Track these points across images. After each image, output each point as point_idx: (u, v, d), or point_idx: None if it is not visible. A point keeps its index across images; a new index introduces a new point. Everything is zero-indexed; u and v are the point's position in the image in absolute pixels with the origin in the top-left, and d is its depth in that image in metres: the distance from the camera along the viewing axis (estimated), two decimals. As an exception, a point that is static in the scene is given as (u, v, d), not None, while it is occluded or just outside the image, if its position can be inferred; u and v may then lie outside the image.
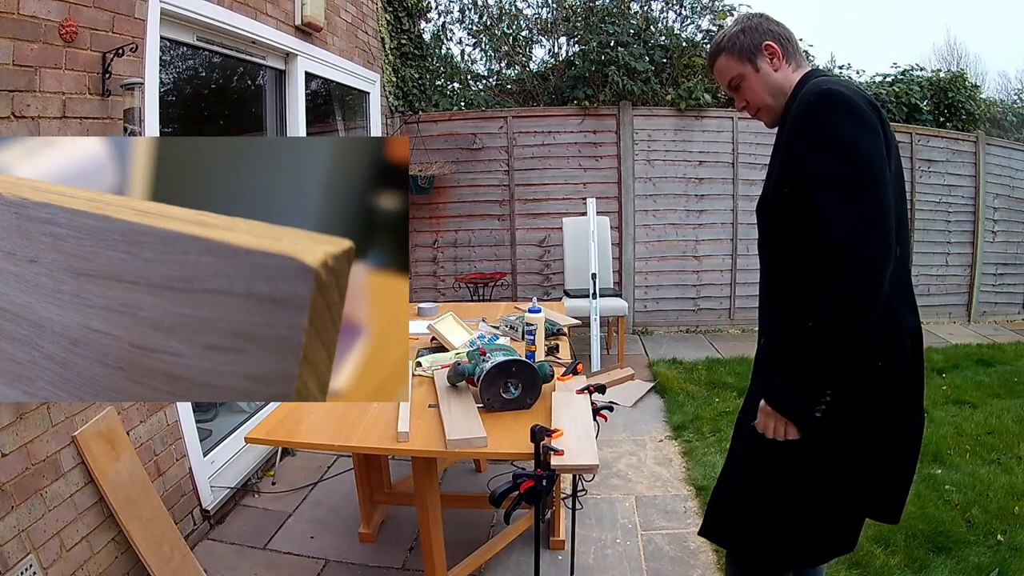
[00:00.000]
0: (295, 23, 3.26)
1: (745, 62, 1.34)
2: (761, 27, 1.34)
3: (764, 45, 1.32)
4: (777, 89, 1.33)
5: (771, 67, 1.33)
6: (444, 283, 5.33)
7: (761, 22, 1.35)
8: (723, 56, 1.37)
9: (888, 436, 1.25)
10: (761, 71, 1.33)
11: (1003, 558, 2.08)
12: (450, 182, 5.16)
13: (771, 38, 1.33)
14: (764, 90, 1.33)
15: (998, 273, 5.88)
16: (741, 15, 1.42)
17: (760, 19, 1.36)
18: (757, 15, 1.37)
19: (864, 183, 1.11)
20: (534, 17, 6.26)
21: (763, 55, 1.32)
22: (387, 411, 1.74)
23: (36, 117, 1.73)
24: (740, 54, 1.34)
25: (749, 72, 1.34)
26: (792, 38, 1.35)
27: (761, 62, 1.33)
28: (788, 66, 1.33)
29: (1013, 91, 9.64)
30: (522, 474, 1.38)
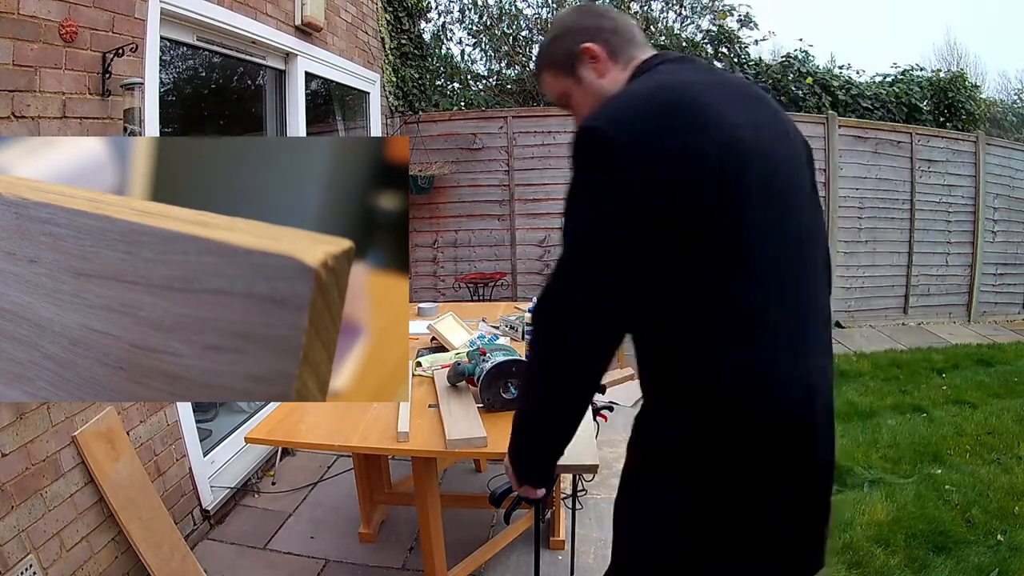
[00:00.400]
0: (295, 23, 3.26)
1: (566, 75, 1.09)
2: (575, 27, 1.07)
3: (581, 49, 1.06)
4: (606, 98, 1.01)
5: (594, 73, 1.06)
6: (444, 283, 5.33)
7: (577, 19, 1.09)
8: (545, 74, 1.13)
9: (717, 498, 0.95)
10: (585, 82, 1.07)
11: (1003, 558, 2.08)
12: (450, 182, 5.16)
13: (587, 38, 1.05)
14: (594, 103, 1.03)
15: (998, 273, 5.89)
16: (557, 16, 1.16)
17: (577, 16, 1.10)
18: (574, 11, 1.12)
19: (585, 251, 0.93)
20: (534, 17, 6.26)
21: (583, 61, 1.06)
22: (387, 411, 1.74)
23: (36, 117, 1.73)
24: (559, 67, 1.09)
25: (572, 87, 1.09)
26: (621, 27, 1.07)
27: (583, 71, 1.07)
28: (617, 64, 1.06)
29: (1013, 91, 9.65)
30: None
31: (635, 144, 0.86)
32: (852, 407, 3.50)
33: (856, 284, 5.53)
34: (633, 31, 1.09)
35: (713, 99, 0.91)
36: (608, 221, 0.90)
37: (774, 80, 5.57)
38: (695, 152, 0.85)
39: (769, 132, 0.95)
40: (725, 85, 0.99)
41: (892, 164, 5.44)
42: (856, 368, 4.28)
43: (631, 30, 1.09)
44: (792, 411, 0.92)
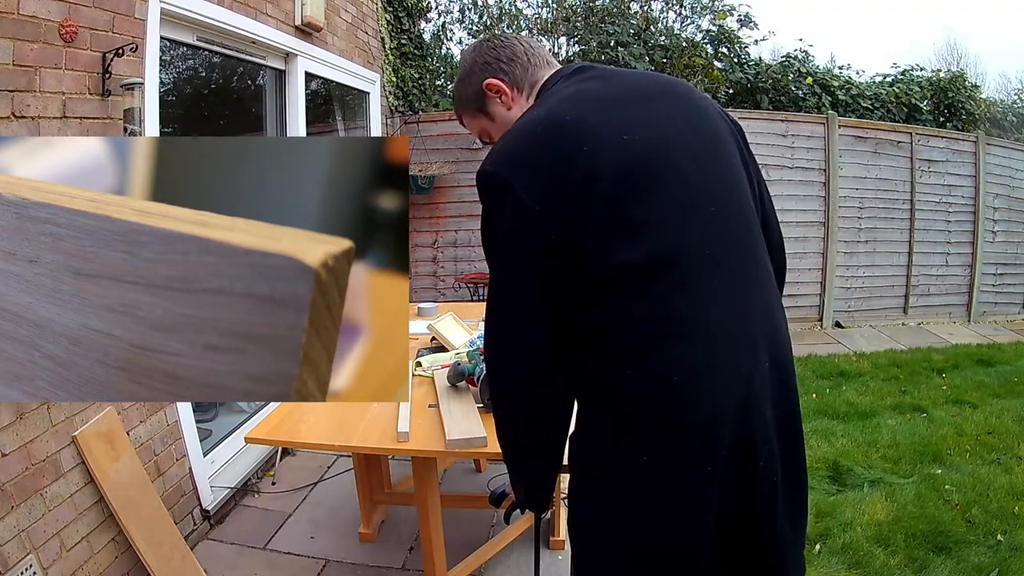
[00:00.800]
0: (295, 23, 3.26)
1: (479, 114, 1.12)
2: (476, 66, 1.09)
3: (485, 86, 1.08)
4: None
5: (503, 107, 1.09)
6: (444, 283, 5.33)
7: (476, 58, 1.10)
8: (464, 116, 1.16)
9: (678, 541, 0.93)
10: (497, 118, 1.09)
11: (1003, 558, 2.08)
12: (450, 182, 5.16)
13: (489, 74, 1.08)
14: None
15: (998, 273, 5.89)
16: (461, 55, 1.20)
17: (475, 54, 1.11)
18: (472, 51, 1.13)
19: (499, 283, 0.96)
20: (534, 17, 6.26)
21: (489, 98, 1.09)
22: (387, 411, 1.74)
23: (36, 117, 1.73)
24: (471, 107, 1.12)
25: (487, 124, 1.12)
26: (518, 54, 1.08)
27: (492, 107, 1.09)
28: (522, 94, 1.08)
29: (1013, 91, 9.65)
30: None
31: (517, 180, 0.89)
32: (852, 407, 3.50)
33: (856, 284, 5.53)
34: (530, 54, 1.09)
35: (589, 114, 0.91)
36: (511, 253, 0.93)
37: (774, 80, 5.57)
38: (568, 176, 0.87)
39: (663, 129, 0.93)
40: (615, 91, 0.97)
41: (892, 164, 5.44)
42: (856, 368, 4.29)
43: (528, 54, 1.09)
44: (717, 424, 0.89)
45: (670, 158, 0.91)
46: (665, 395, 0.88)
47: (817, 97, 5.55)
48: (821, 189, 5.31)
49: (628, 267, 0.87)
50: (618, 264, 0.87)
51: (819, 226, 5.35)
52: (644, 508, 0.92)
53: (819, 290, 5.42)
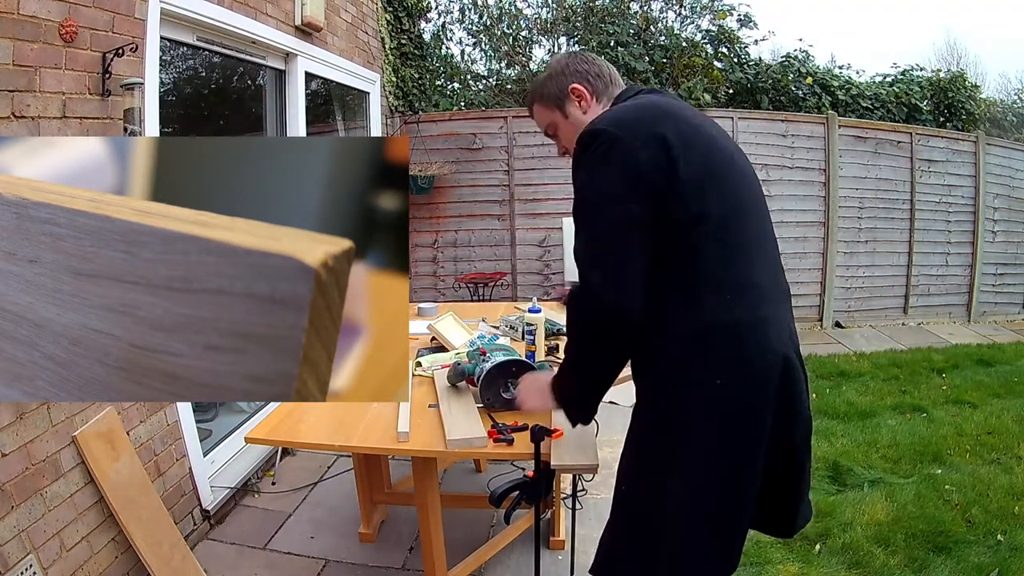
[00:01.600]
0: (295, 23, 3.26)
1: (555, 109, 1.31)
2: (567, 70, 1.30)
3: (570, 89, 1.29)
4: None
5: (579, 110, 1.29)
6: (444, 283, 5.33)
7: (568, 63, 1.31)
8: (536, 106, 1.35)
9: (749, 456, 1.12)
10: (570, 116, 1.30)
11: (1003, 558, 2.08)
12: (450, 182, 5.16)
13: (577, 79, 1.29)
14: (575, 134, 1.21)
15: (998, 273, 5.89)
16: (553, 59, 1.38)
17: (568, 60, 1.32)
18: (566, 56, 1.35)
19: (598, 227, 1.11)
20: (534, 17, 6.26)
21: (571, 99, 1.29)
22: (387, 411, 1.74)
23: (36, 117, 1.73)
24: (550, 102, 1.31)
25: (559, 119, 1.31)
26: (604, 73, 1.31)
27: (569, 107, 1.29)
28: (599, 104, 1.29)
29: (1013, 91, 9.64)
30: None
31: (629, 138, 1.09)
32: (852, 407, 3.50)
33: (856, 284, 5.53)
34: (612, 75, 1.32)
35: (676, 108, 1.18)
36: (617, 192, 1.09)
37: (774, 80, 5.57)
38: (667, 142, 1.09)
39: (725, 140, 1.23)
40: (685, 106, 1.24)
41: (892, 164, 5.44)
42: (856, 368, 4.28)
43: (611, 75, 1.32)
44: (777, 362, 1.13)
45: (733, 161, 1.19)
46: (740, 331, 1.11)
47: (817, 97, 5.55)
48: (821, 189, 5.31)
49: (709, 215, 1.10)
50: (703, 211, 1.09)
51: (819, 226, 5.35)
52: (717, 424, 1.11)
53: (819, 290, 5.42)
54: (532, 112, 1.37)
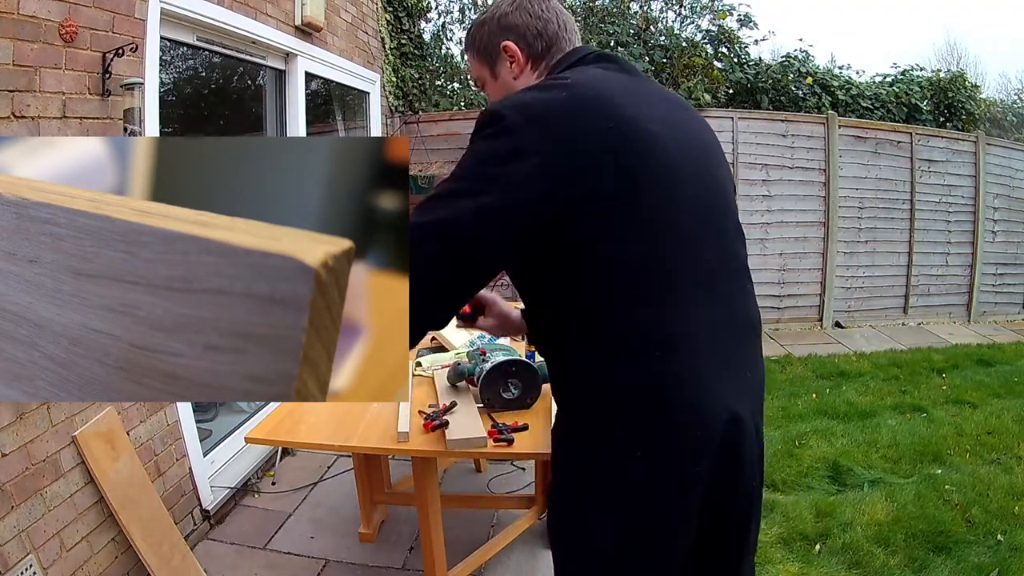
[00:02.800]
0: (295, 23, 3.26)
1: (484, 65, 1.08)
2: (504, 20, 1.04)
3: (502, 46, 1.04)
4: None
5: (509, 72, 1.05)
6: (444, 283, 5.32)
7: (506, 12, 1.04)
8: (469, 54, 1.11)
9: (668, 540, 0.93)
10: (500, 78, 1.06)
11: (1003, 558, 2.08)
12: (450, 182, 5.15)
13: (512, 36, 1.03)
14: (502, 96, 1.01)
15: (998, 273, 5.89)
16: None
17: (507, 7, 1.04)
18: (510, 2, 1.05)
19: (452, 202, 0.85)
20: (534, 17, 6.26)
21: (502, 58, 1.05)
22: (387, 411, 1.74)
23: (36, 117, 1.73)
24: (480, 54, 1.08)
25: (486, 76, 1.08)
26: (549, 30, 1.03)
27: (500, 66, 1.06)
28: (532, 70, 1.04)
29: (1013, 91, 9.64)
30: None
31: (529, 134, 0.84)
32: (852, 407, 3.50)
33: (856, 284, 5.53)
34: (557, 33, 1.04)
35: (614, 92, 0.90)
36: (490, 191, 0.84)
37: (774, 80, 5.57)
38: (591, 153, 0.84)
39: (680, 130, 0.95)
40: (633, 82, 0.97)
41: (892, 164, 5.44)
42: (856, 368, 4.28)
43: (556, 33, 1.04)
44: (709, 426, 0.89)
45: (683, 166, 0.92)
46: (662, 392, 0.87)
47: (817, 97, 5.55)
48: (821, 189, 5.31)
49: (630, 261, 0.86)
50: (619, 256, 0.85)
51: (819, 226, 5.35)
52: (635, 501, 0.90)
53: (819, 290, 5.42)
54: (467, 59, 1.14)
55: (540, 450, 1.54)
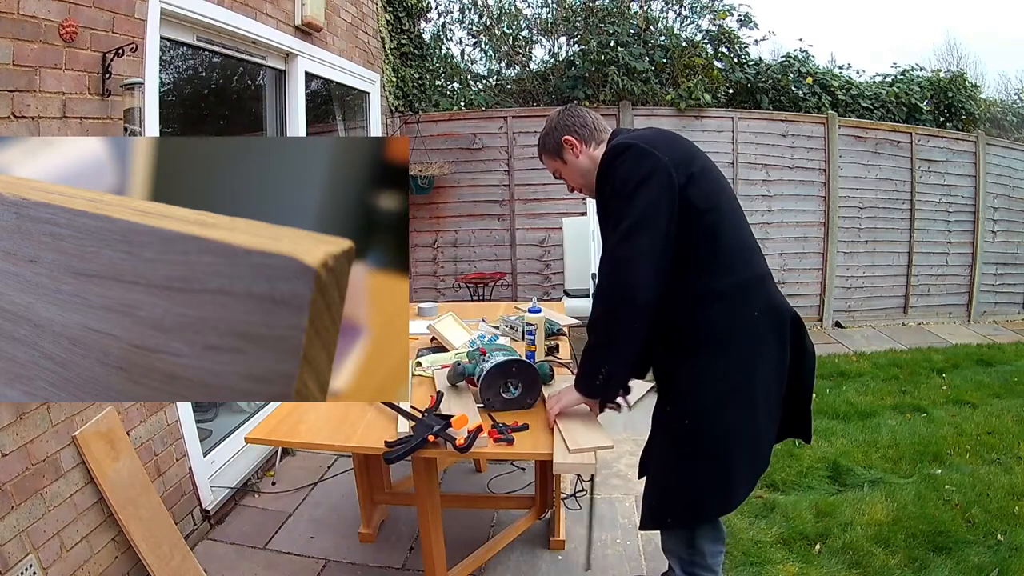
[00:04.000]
0: (295, 23, 3.26)
1: (556, 158, 1.61)
2: (560, 125, 1.59)
3: (563, 141, 1.58)
4: (584, 171, 1.58)
5: (574, 155, 1.58)
6: (444, 283, 5.33)
7: (560, 120, 1.59)
8: (543, 156, 1.65)
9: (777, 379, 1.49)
10: (568, 162, 1.60)
11: (1003, 558, 2.08)
12: (450, 182, 5.16)
13: (568, 133, 1.58)
14: (576, 175, 1.61)
15: (998, 273, 5.89)
16: (549, 116, 1.64)
17: (559, 117, 1.60)
18: (556, 114, 1.62)
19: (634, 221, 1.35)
20: (534, 17, 6.25)
21: (565, 149, 1.58)
22: (387, 411, 1.74)
23: (36, 117, 1.73)
24: (551, 153, 1.62)
25: (560, 165, 1.62)
26: (588, 122, 1.59)
27: (567, 155, 1.59)
28: (589, 148, 1.58)
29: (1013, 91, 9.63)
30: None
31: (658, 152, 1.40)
32: (852, 407, 3.50)
33: (856, 284, 5.53)
34: (596, 122, 1.60)
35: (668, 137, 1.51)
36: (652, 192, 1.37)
37: (774, 80, 5.56)
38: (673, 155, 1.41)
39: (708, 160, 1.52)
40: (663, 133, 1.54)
41: (892, 164, 5.44)
42: (856, 368, 4.29)
43: (595, 122, 1.60)
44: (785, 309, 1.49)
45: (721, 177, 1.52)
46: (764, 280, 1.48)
47: (817, 97, 5.55)
48: (821, 189, 5.31)
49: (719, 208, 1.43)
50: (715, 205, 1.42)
51: (819, 226, 5.35)
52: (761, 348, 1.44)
53: (819, 290, 5.42)
54: (543, 161, 1.67)
55: (540, 450, 1.54)
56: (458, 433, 1.50)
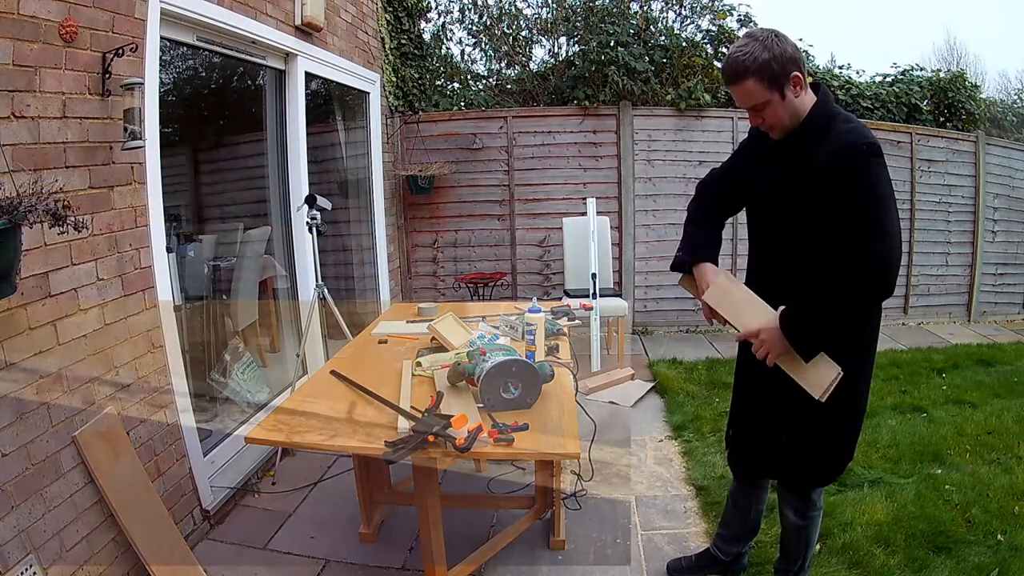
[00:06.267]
0: (295, 23, 3.26)
1: (774, 90, 1.48)
2: (790, 56, 1.47)
3: (792, 76, 1.47)
4: (797, 113, 1.51)
5: (794, 94, 1.49)
6: (444, 283, 5.33)
7: (786, 49, 1.47)
8: (751, 80, 1.47)
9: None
10: (787, 99, 1.49)
11: (1003, 558, 2.08)
12: (450, 182, 5.16)
13: (796, 68, 1.47)
14: (786, 114, 1.51)
15: (998, 273, 5.89)
16: (762, 35, 1.49)
17: (785, 46, 1.47)
18: (776, 39, 1.47)
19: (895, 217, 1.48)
20: (534, 17, 6.25)
21: (789, 84, 1.48)
22: (387, 411, 1.74)
23: (36, 117, 1.73)
24: (771, 82, 1.47)
25: (776, 99, 1.49)
26: (803, 62, 1.50)
27: (787, 91, 1.48)
28: (805, 92, 1.51)
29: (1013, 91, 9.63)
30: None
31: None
32: (852, 407, 3.49)
33: (856, 284, 5.52)
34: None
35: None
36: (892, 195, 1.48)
37: (774, 80, 5.56)
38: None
39: None
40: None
41: (892, 164, 5.32)
42: (856, 368, 4.28)
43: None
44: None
45: None
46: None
47: (817, 97, 5.54)
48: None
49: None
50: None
51: (819, 226, 5.33)
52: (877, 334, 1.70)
53: (819, 290, 5.41)
54: (740, 83, 1.49)
55: (540, 450, 1.54)
56: (458, 433, 1.50)
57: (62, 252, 1.81)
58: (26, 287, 1.67)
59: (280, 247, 3.52)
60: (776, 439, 1.72)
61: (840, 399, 1.55)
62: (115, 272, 2.03)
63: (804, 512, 1.80)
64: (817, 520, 1.83)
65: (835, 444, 1.69)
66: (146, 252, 2.18)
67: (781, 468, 1.76)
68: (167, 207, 2.30)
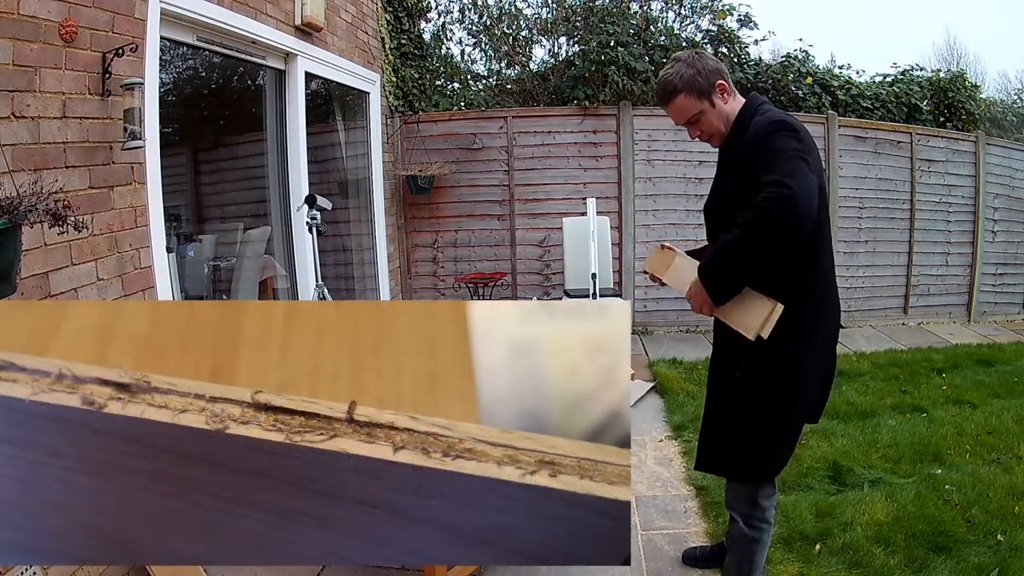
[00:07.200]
0: (295, 23, 3.26)
1: (704, 100, 1.63)
2: (714, 68, 1.63)
3: (717, 84, 1.62)
4: (729, 119, 1.64)
5: (723, 101, 1.64)
6: (444, 283, 5.33)
7: (708, 63, 1.63)
8: (682, 96, 1.63)
9: (813, 366, 1.67)
10: (716, 107, 1.64)
11: (1003, 558, 2.08)
12: (450, 182, 5.16)
13: (723, 77, 1.63)
14: (720, 121, 1.65)
15: (998, 273, 5.89)
16: (685, 56, 1.65)
17: (703, 60, 1.63)
18: (697, 56, 1.65)
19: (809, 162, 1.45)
20: (534, 17, 6.26)
21: (717, 92, 1.63)
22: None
23: (36, 117, 1.73)
24: (700, 93, 1.62)
25: (706, 107, 1.63)
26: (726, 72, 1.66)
27: (716, 98, 1.63)
28: (733, 98, 1.66)
29: (1013, 91, 9.64)
30: None
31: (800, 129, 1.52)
32: (852, 407, 3.50)
33: (856, 284, 5.53)
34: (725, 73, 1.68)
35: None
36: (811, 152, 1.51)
37: (774, 80, 5.56)
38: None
39: None
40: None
41: (892, 164, 5.44)
42: (856, 368, 4.28)
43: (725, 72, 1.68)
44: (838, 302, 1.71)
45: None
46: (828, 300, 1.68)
47: (817, 97, 5.54)
48: (820, 189, 5.30)
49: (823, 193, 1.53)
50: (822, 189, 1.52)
51: (819, 226, 5.33)
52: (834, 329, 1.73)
53: (819, 290, 5.41)
54: (671, 102, 1.65)
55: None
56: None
57: (62, 252, 1.81)
58: (26, 287, 1.67)
59: (280, 247, 3.52)
60: (715, 429, 1.78)
61: (772, 385, 1.61)
62: (115, 272, 2.03)
63: (750, 518, 1.74)
64: (762, 540, 1.76)
65: (768, 432, 1.65)
66: (146, 252, 2.18)
67: (717, 459, 1.78)
68: (167, 207, 2.31)
